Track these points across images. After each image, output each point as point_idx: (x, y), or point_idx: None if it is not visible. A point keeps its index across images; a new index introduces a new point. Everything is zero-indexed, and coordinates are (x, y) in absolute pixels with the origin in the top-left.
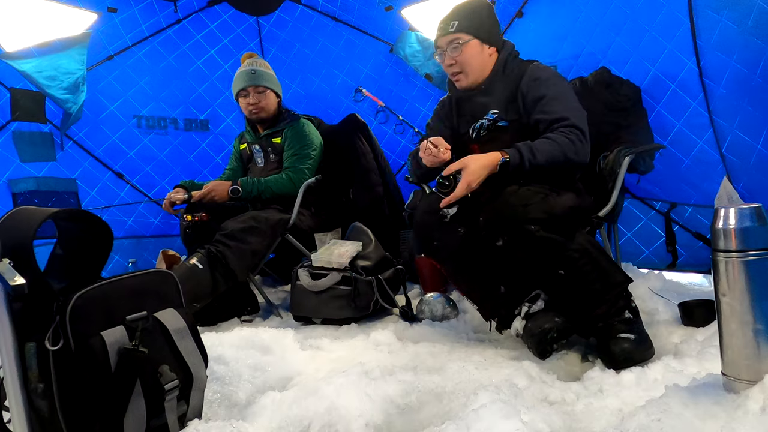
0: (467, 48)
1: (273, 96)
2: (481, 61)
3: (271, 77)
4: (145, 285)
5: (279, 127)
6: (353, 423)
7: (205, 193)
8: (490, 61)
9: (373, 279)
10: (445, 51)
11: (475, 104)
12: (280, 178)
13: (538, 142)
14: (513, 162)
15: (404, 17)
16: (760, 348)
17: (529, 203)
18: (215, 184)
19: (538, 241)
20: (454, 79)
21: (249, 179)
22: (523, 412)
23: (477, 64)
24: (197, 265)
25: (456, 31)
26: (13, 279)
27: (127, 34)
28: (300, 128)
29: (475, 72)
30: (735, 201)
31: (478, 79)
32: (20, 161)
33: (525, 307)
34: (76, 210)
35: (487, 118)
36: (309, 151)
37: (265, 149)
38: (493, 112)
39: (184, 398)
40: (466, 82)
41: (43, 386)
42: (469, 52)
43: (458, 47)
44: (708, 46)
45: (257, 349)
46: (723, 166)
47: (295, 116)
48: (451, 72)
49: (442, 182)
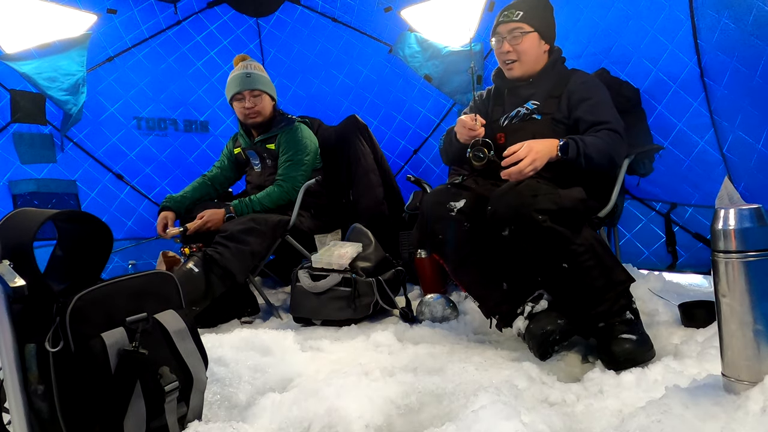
0: (527, 39)
1: (268, 99)
2: (536, 54)
3: (266, 80)
4: (145, 286)
5: (272, 132)
6: (353, 424)
7: (200, 225)
8: (543, 57)
9: (373, 280)
10: (504, 38)
11: (517, 95)
12: (272, 191)
13: (587, 137)
14: (571, 148)
15: (403, 18)
16: (760, 349)
17: (538, 194)
18: (210, 213)
19: (545, 231)
20: (507, 68)
21: (241, 203)
22: (523, 413)
23: (533, 56)
24: (193, 269)
25: (520, 21)
26: (14, 280)
27: (126, 36)
28: (293, 134)
29: (530, 63)
30: (736, 201)
31: (529, 70)
32: (20, 163)
33: (528, 307)
34: (76, 211)
35: (525, 107)
36: (302, 157)
37: (261, 155)
38: (533, 102)
39: (184, 400)
40: (519, 72)
41: (43, 388)
42: (528, 43)
43: (519, 36)
44: (709, 46)
45: (257, 351)
46: (724, 166)
47: (290, 120)
48: (505, 59)
49: (477, 154)
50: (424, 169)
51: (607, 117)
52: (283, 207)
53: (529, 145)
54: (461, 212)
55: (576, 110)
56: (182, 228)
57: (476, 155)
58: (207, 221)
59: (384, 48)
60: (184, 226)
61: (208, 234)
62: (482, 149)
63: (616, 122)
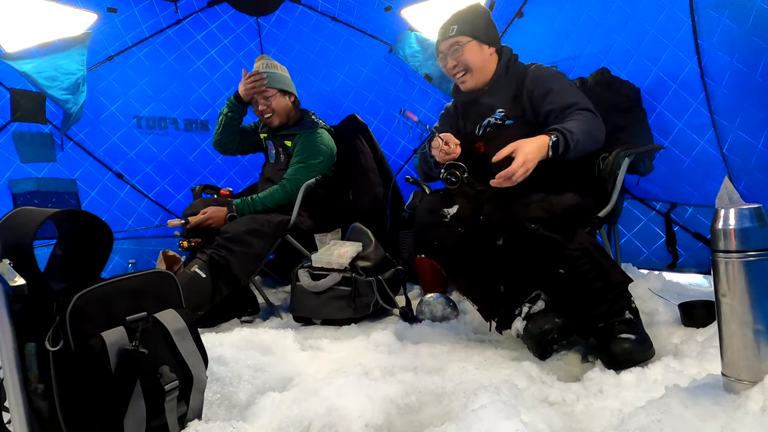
0: (467, 49)
1: (282, 97)
2: (481, 60)
3: (278, 77)
4: (145, 286)
5: (292, 131)
6: (353, 424)
7: (202, 220)
8: (491, 60)
9: (373, 279)
10: (446, 55)
11: (480, 106)
12: (275, 191)
13: (567, 123)
14: (560, 141)
15: (404, 17)
16: (760, 348)
17: (529, 202)
18: (213, 210)
19: (538, 239)
20: (459, 81)
21: (243, 202)
22: (523, 413)
23: (478, 63)
24: (199, 274)
25: (456, 35)
26: (14, 280)
27: (127, 35)
28: (312, 138)
29: (478, 71)
30: (736, 201)
31: (481, 78)
32: (20, 162)
33: (525, 308)
34: (76, 210)
35: (494, 116)
36: (314, 162)
37: (277, 148)
38: (500, 110)
39: (184, 399)
40: (472, 83)
41: (43, 387)
42: (469, 53)
43: (459, 49)
44: (709, 45)
45: (257, 350)
46: (724, 166)
47: (314, 124)
48: (454, 74)
49: (449, 178)
50: None
51: (574, 99)
52: (284, 206)
53: (519, 148)
54: (455, 218)
55: (543, 106)
56: (184, 220)
57: (449, 179)
58: (209, 218)
59: (384, 47)
60: (186, 219)
61: (208, 230)
62: (455, 173)
63: (583, 101)
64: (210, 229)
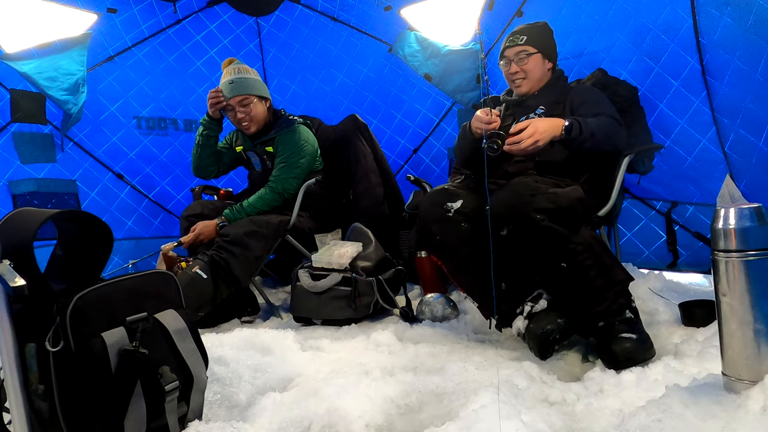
0: (532, 59)
1: (259, 102)
2: (541, 71)
3: (253, 82)
4: (145, 286)
5: (270, 135)
6: (354, 424)
7: (193, 239)
8: (547, 74)
9: (373, 280)
10: (512, 60)
11: (525, 106)
12: (264, 194)
13: (589, 118)
14: (574, 126)
15: (403, 17)
16: (761, 348)
17: (536, 193)
18: (202, 226)
19: (543, 230)
20: (515, 86)
21: (233, 210)
22: (523, 413)
23: (538, 74)
24: (201, 275)
25: (524, 44)
26: (14, 280)
27: (127, 35)
28: (291, 136)
29: (535, 80)
30: (737, 200)
31: (534, 86)
32: (20, 162)
33: (528, 307)
34: (76, 211)
35: (535, 113)
36: (296, 159)
37: (260, 156)
38: (540, 108)
39: (185, 399)
40: (526, 88)
41: (44, 387)
42: (533, 63)
43: (525, 57)
44: (711, 44)
45: (257, 350)
46: (725, 165)
47: (290, 121)
48: (514, 79)
49: (491, 145)
50: (424, 169)
51: (605, 109)
52: (282, 207)
53: (534, 124)
54: (459, 213)
55: (577, 112)
56: (176, 243)
57: (491, 146)
58: (199, 234)
59: (384, 47)
60: (179, 241)
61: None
62: (496, 141)
63: (612, 113)
64: (204, 244)
